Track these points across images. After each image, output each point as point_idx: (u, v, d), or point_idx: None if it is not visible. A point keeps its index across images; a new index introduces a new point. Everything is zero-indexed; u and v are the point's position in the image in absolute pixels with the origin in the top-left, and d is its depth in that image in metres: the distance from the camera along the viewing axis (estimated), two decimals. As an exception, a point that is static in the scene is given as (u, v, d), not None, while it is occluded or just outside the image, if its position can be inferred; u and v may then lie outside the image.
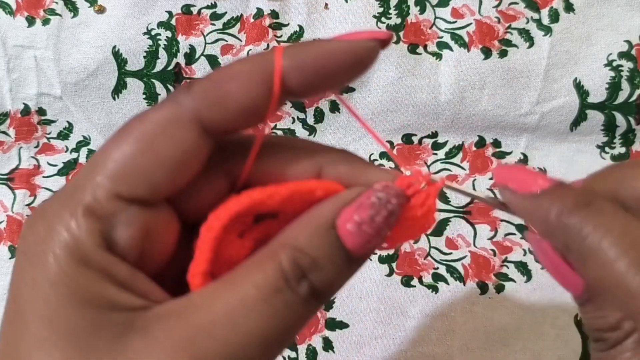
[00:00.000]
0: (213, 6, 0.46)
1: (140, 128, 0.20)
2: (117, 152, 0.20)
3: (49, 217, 0.20)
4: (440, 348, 0.44)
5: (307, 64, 0.20)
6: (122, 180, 0.20)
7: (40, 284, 0.19)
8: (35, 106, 0.46)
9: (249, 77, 0.20)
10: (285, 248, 0.20)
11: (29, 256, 0.20)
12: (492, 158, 0.46)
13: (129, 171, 0.20)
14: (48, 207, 0.20)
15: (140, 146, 0.20)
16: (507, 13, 0.45)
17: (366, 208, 0.21)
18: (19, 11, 0.46)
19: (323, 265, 0.20)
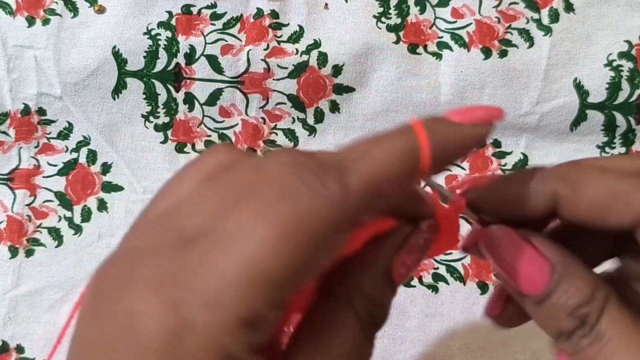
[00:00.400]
0: (213, 6, 0.46)
1: (295, 221, 0.17)
2: (270, 247, 0.16)
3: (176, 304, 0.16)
4: (440, 348, 0.44)
5: (444, 151, 0.20)
6: (279, 288, 0.17)
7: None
8: (35, 106, 0.46)
9: (404, 173, 0.19)
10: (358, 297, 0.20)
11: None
12: (492, 158, 0.46)
13: (287, 278, 0.17)
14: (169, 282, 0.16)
15: (298, 249, 0.17)
16: (507, 13, 0.45)
17: (415, 251, 0.22)
18: (19, 11, 0.46)
19: (382, 305, 0.21)
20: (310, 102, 0.45)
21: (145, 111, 0.46)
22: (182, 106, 0.46)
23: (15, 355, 0.45)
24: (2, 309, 0.45)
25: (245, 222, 0.16)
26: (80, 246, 0.46)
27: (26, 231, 0.46)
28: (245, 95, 0.46)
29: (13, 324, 0.45)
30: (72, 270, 0.46)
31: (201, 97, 0.46)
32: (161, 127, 0.46)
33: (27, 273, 0.46)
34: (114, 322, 0.17)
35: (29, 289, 0.46)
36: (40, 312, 0.45)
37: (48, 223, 0.46)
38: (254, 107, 0.46)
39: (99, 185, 0.47)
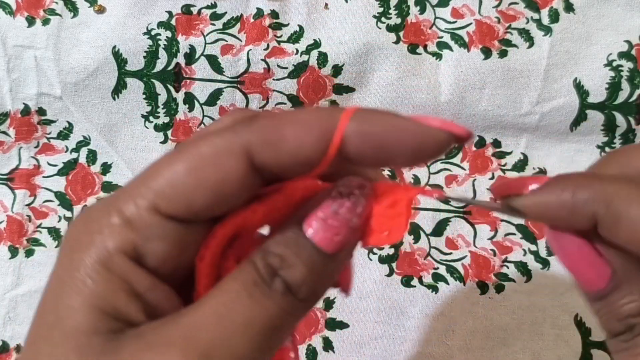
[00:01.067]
0: (213, 6, 0.46)
1: (194, 150, 0.20)
2: (167, 168, 0.20)
3: (89, 218, 0.21)
4: (440, 348, 0.44)
5: (371, 133, 0.20)
6: (163, 196, 0.20)
7: (65, 278, 0.20)
8: (35, 106, 0.46)
9: (308, 128, 0.20)
10: (259, 251, 0.21)
11: (64, 249, 0.21)
12: (492, 158, 0.46)
13: (172, 189, 0.20)
14: (92, 208, 0.21)
15: (188, 166, 0.20)
16: (507, 13, 0.45)
17: (328, 203, 0.21)
18: (19, 11, 0.46)
19: (293, 263, 0.21)
20: (310, 102, 0.45)
21: (145, 111, 0.46)
22: (182, 106, 0.46)
23: (15, 355, 0.45)
24: (2, 309, 0.45)
25: (163, 157, 0.21)
26: (80, 246, 0.46)
27: (26, 231, 0.46)
28: (245, 95, 0.46)
29: (13, 323, 0.45)
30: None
31: (201, 97, 0.46)
32: (161, 127, 0.46)
33: (27, 273, 0.46)
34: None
35: (29, 289, 0.46)
36: (40, 312, 0.45)
37: (48, 223, 0.46)
38: (254, 107, 0.46)
39: (99, 185, 0.47)
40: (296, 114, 0.21)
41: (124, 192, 0.21)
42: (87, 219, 0.21)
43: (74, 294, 0.19)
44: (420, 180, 0.46)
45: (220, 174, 0.20)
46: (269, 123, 0.20)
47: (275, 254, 0.21)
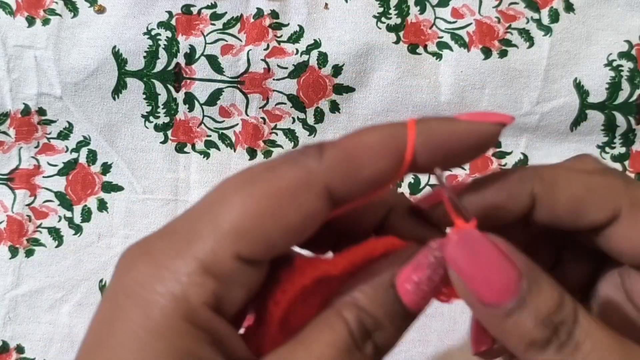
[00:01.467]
0: (213, 6, 0.46)
1: (270, 187, 0.19)
2: (242, 208, 0.19)
3: (157, 260, 0.19)
4: (441, 348, 0.44)
5: (437, 143, 0.21)
6: (245, 242, 0.19)
7: (138, 330, 0.18)
8: (36, 106, 0.46)
9: (382, 150, 0.20)
10: (350, 307, 0.20)
11: (129, 296, 0.19)
12: (492, 158, 0.46)
13: (253, 232, 0.19)
14: (155, 247, 0.19)
15: (268, 207, 0.19)
16: (507, 13, 0.45)
17: (424, 268, 0.21)
18: (19, 11, 0.46)
19: (385, 325, 0.20)
20: (311, 102, 0.45)
21: (145, 111, 0.46)
22: (182, 106, 0.46)
23: (15, 355, 0.45)
24: (2, 309, 0.45)
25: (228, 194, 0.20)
26: (80, 246, 0.46)
27: (26, 231, 0.46)
28: (246, 95, 0.46)
29: (13, 324, 0.45)
30: (72, 270, 0.46)
31: (201, 97, 0.46)
32: (161, 127, 0.46)
33: (27, 273, 0.46)
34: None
35: (29, 289, 0.46)
36: (40, 312, 0.45)
37: (48, 223, 0.46)
38: (254, 107, 0.46)
39: (99, 185, 0.47)
40: (363, 137, 0.20)
41: (194, 233, 0.19)
42: (154, 263, 0.19)
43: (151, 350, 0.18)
44: (420, 180, 0.46)
45: (303, 214, 0.19)
46: (340, 154, 0.20)
47: (369, 314, 0.20)
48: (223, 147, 0.46)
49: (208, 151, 0.46)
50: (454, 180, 0.46)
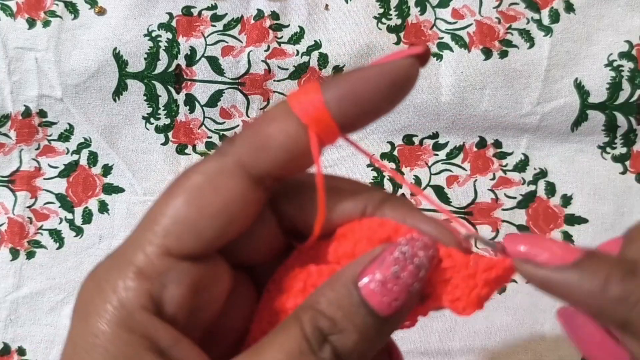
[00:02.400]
0: (213, 7, 0.46)
1: (188, 181, 0.20)
2: (166, 207, 0.19)
3: (99, 278, 0.19)
4: (441, 348, 0.44)
5: (345, 95, 0.19)
6: (171, 236, 0.19)
7: (83, 345, 0.19)
8: (36, 108, 0.46)
9: (287, 117, 0.20)
10: (307, 310, 0.19)
11: (79, 316, 0.19)
12: (493, 159, 0.46)
13: (178, 225, 0.19)
14: (100, 268, 0.20)
15: (187, 199, 0.19)
16: (508, 13, 0.45)
17: (389, 264, 0.19)
18: (20, 13, 0.46)
19: (344, 327, 0.19)
20: (311, 103, 0.45)
21: (146, 113, 0.46)
22: (183, 107, 0.46)
23: (16, 357, 0.45)
24: (3, 311, 0.45)
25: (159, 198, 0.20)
26: (81, 248, 0.46)
27: (27, 233, 0.46)
28: (246, 96, 0.46)
29: (14, 326, 0.45)
30: (73, 272, 0.46)
31: (202, 99, 0.46)
32: (162, 129, 0.46)
33: (28, 275, 0.46)
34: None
35: (30, 291, 0.46)
36: (42, 314, 0.45)
37: (49, 225, 0.46)
38: (254, 108, 0.46)
39: (99, 187, 0.47)
40: (269, 112, 0.20)
41: (130, 242, 0.20)
42: (97, 278, 0.20)
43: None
44: (421, 181, 0.46)
45: (222, 196, 0.19)
46: (249, 131, 0.20)
47: (326, 316, 0.19)
48: (224, 149, 0.46)
49: (209, 153, 0.46)
50: (455, 181, 0.46)
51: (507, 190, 0.46)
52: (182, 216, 0.19)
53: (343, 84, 0.20)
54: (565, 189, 0.45)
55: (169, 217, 0.19)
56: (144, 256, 0.19)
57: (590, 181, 0.45)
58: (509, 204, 0.45)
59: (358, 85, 0.20)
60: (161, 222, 0.19)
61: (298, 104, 0.20)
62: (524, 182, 0.46)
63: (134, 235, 0.20)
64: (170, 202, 0.20)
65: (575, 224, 0.45)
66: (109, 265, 0.20)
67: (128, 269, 0.19)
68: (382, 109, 0.20)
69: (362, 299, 0.19)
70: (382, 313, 0.19)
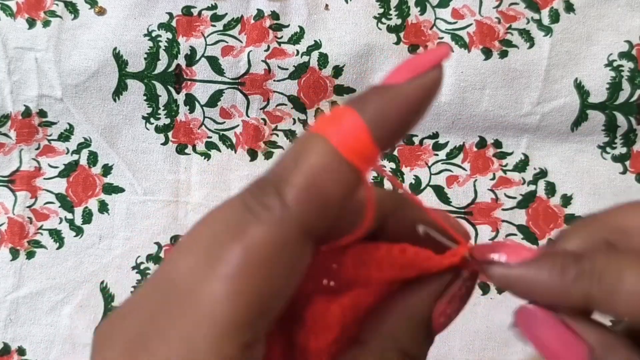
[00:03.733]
0: (213, 7, 0.46)
1: (248, 260, 0.17)
2: (226, 297, 0.16)
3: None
4: (441, 348, 0.44)
5: (386, 119, 0.18)
6: (247, 331, 0.17)
7: None
8: (36, 108, 0.46)
9: (339, 166, 0.17)
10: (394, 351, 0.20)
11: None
12: (493, 159, 0.46)
13: (254, 319, 0.17)
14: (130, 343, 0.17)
15: (254, 284, 0.17)
16: (508, 13, 0.45)
17: (457, 300, 0.21)
18: (20, 13, 0.46)
19: (419, 356, 0.20)
20: (311, 103, 0.45)
21: (146, 113, 0.46)
22: (183, 107, 0.46)
23: (16, 357, 0.45)
24: (3, 311, 0.45)
25: (201, 275, 0.17)
26: (81, 248, 0.46)
27: (27, 233, 0.46)
28: (246, 96, 0.46)
29: (14, 325, 0.45)
30: (73, 272, 0.46)
31: (202, 99, 0.46)
32: (162, 129, 0.46)
33: (28, 275, 0.46)
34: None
35: (30, 290, 0.46)
36: (42, 314, 0.45)
37: (49, 225, 0.46)
38: (254, 108, 0.46)
39: (99, 186, 0.47)
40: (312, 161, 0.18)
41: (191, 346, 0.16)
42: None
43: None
44: (421, 181, 0.46)
45: (288, 270, 0.17)
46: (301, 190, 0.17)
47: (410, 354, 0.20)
48: (224, 149, 0.46)
49: (209, 152, 0.46)
50: (455, 181, 0.46)
51: (507, 190, 0.46)
52: (251, 306, 0.17)
53: (382, 107, 0.18)
54: (565, 189, 0.45)
55: (235, 311, 0.16)
56: (224, 356, 0.16)
57: (590, 181, 0.45)
58: (509, 204, 0.45)
59: (398, 106, 0.18)
60: (224, 317, 0.16)
61: (343, 142, 0.18)
62: (524, 182, 0.46)
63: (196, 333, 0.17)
64: (228, 288, 0.16)
65: (575, 224, 0.45)
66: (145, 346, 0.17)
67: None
68: (414, 124, 0.19)
69: (432, 331, 0.21)
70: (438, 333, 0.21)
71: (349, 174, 0.18)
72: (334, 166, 0.17)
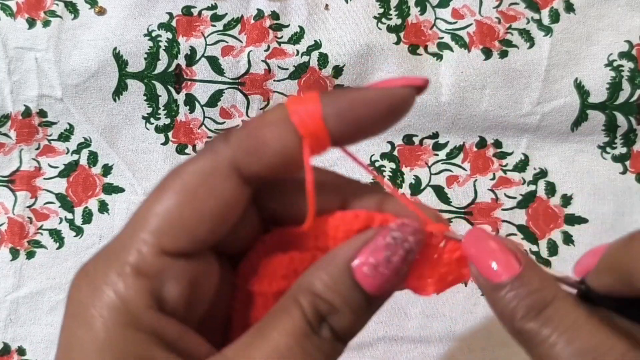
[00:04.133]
0: (213, 7, 0.46)
1: (180, 180, 0.20)
2: (159, 206, 0.20)
3: (94, 277, 0.20)
4: (441, 348, 0.44)
5: (343, 112, 0.20)
6: (166, 236, 0.19)
7: (88, 347, 0.18)
8: (36, 108, 0.46)
9: (284, 124, 0.20)
10: (306, 293, 0.20)
11: (75, 318, 0.19)
12: (493, 159, 0.46)
13: (172, 226, 0.19)
14: (92, 266, 0.20)
15: (181, 199, 0.20)
16: (508, 13, 0.45)
17: (382, 249, 0.21)
18: (20, 13, 0.46)
19: (342, 310, 0.20)
20: (311, 103, 0.45)
21: (146, 113, 0.46)
22: (183, 107, 0.46)
23: (16, 357, 0.45)
24: (3, 311, 0.45)
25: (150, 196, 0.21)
26: (81, 248, 0.46)
27: (27, 233, 0.46)
28: (246, 96, 0.46)
29: (14, 325, 0.45)
30: (73, 272, 0.45)
31: (202, 99, 0.46)
32: (162, 129, 0.46)
33: (28, 275, 0.46)
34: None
35: (30, 290, 0.46)
36: (42, 314, 0.45)
37: (49, 225, 0.46)
38: (254, 108, 0.46)
39: (99, 186, 0.47)
40: (266, 115, 0.21)
41: (122, 241, 0.20)
42: (90, 278, 0.20)
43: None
44: (421, 181, 0.46)
45: (215, 196, 0.20)
46: (245, 133, 0.20)
47: (323, 299, 0.20)
48: (224, 149, 0.46)
49: (209, 152, 0.46)
50: (455, 181, 0.46)
51: (507, 190, 0.46)
52: (177, 217, 0.20)
53: (343, 100, 0.20)
54: (565, 189, 0.45)
55: (163, 217, 0.20)
56: (140, 255, 0.19)
57: (590, 181, 0.45)
58: (509, 204, 0.45)
59: (357, 104, 0.20)
60: (155, 222, 0.20)
61: (297, 112, 0.20)
62: (524, 182, 0.46)
63: (125, 234, 0.20)
64: (164, 202, 0.20)
65: (575, 224, 0.45)
66: (102, 264, 0.20)
67: (124, 268, 0.19)
68: (374, 130, 0.21)
69: (355, 282, 0.20)
70: (373, 294, 0.21)
71: (289, 134, 0.20)
72: (278, 122, 0.20)
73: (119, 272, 0.19)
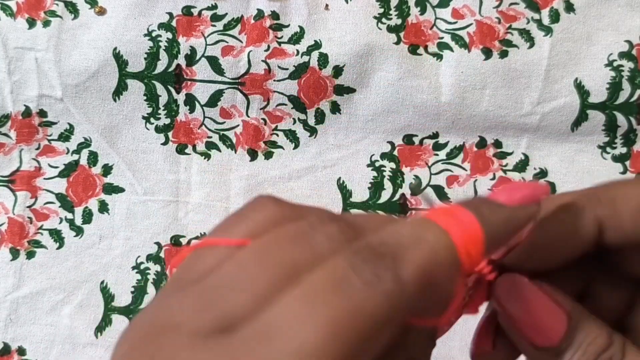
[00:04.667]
0: (213, 7, 0.46)
1: (349, 322, 0.15)
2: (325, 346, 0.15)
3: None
4: (441, 348, 0.44)
5: (498, 239, 0.19)
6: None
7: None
8: (36, 108, 0.46)
9: (456, 271, 0.18)
10: None
11: None
12: (493, 159, 0.46)
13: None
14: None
15: (349, 346, 0.15)
16: (508, 13, 0.45)
17: (460, 308, 0.22)
18: (20, 13, 0.46)
19: None
20: (311, 103, 0.45)
21: (146, 113, 0.46)
22: (183, 107, 0.46)
23: (16, 357, 0.45)
24: (3, 311, 0.45)
25: (293, 312, 0.15)
26: (81, 248, 0.46)
27: (27, 233, 0.46)
28: (246, 96, 0.46)
29: (14, 325, 0.45)
30: (73, 272, 0.46)
31: (202, 99, 0.46)
32: (162, 129, 0.46)
33: (28, 275, 0.46)
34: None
35: (30, 290, 0.46)
36: (42, 314, 0.45)
37: (49, 225, 0.46)
38: (254, 108, 0.46)
39: (100, 186, 0.47)
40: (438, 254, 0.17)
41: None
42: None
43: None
44: (421, 181, 0.46)
45: (382, 344, 0.16)
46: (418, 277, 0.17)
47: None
48: (224, 148, 0.46)
49: (209, 152, 0.46)
50: (455, 181, 0.46)
51: (507, 190, 0.45)
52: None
53: (499, 223, 0.18)
54: (565, 189, 0.45)
55: None
56: None
57: (590, 181, 0.45)
58: (509, 203, 0.45)
59: (512, 227, 0.19)
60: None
61: (462, 244, 0.17)
62: (524, 182, 0.45)
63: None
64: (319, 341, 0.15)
65: (575, 223, 0.45)
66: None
67: None
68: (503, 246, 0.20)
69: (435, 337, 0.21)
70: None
71: (456, 275, 0.17)
72: (450, 263, 0.17)
73: None
